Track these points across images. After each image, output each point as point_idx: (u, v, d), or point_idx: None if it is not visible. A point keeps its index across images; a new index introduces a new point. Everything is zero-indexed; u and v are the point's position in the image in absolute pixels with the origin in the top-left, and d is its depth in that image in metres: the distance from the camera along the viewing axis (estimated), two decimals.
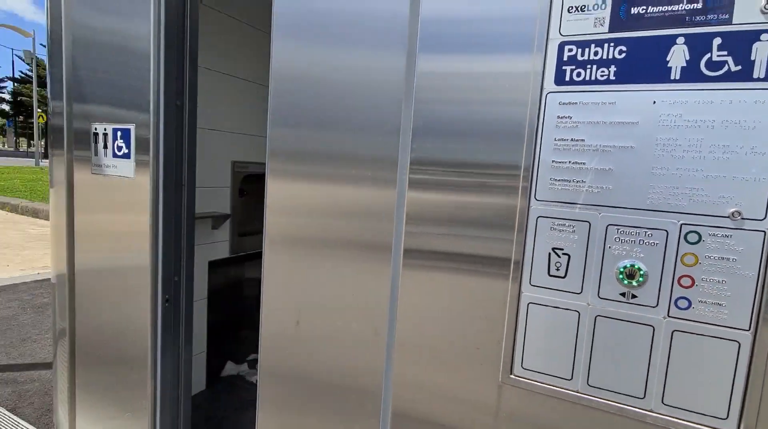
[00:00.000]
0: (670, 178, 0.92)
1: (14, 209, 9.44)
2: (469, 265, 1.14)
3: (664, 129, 0.91)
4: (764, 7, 0.83)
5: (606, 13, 0.95)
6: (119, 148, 1.76)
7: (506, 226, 1.08)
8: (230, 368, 2.99)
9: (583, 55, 0.97)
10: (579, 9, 0.97)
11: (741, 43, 0.85)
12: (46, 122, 2.42)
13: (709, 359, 0.92)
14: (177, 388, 1.89)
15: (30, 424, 2.27)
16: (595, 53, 0.96)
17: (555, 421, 1.07)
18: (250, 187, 3.12)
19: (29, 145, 48.72)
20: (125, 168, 1.75)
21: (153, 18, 1.62)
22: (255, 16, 2.92)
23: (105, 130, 1.79)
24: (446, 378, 1.19)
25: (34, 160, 21.51)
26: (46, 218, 8.87)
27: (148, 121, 1.68)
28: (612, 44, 0.95)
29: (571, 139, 1.00)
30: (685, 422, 0.94)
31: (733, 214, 0.87)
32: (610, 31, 0.95)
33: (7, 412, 2.34)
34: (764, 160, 0.85)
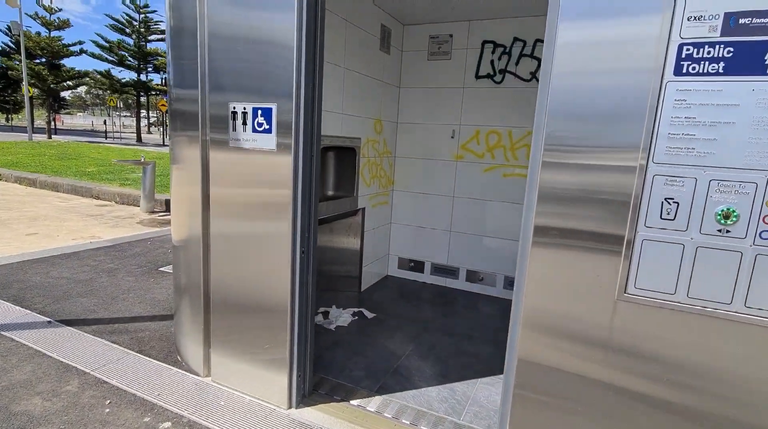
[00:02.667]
0: (762, 145, 1.28)
1: (32, 184, 9.57)
2: (592, 230, 1.50)
3: (759, 110, 1.27)
4: None
5: (719, 22, 1.28)
6: (259, 125, 2.07)
7: (626, 187, 1.44)
8: None
9: (698, 53, 1.31)
10: (697, 18, 1.30)
11: None
12: (167, 108, 2.68)
13: None
14: (307, 322, 2.27)
15: (161, 361, 2.65)
16: (708, 52, 1.30)
17: (660, 326, 1.47)
18: (322, 159, 3.42)
19: (8, 119, 47.12)
20: (266, 141, 2.06)
21: (296, 11, 1.89)
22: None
23: (244, 108, 2.09)
24: (571, 304, 1.58)
25: (27, 134, 21.11)
26: (67, 192, 9.05)
27: (290, 101, 1.97)
28: (722, 46, 1.29)
29: (685, 117, 1.35)
30: (762, 318, 1.34)
31: None
32: (722, 35, 1.28)
33: (137, 354, 2.72)
34: None
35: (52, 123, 35.17)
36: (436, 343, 3.13)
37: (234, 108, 2.11)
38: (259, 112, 2.06)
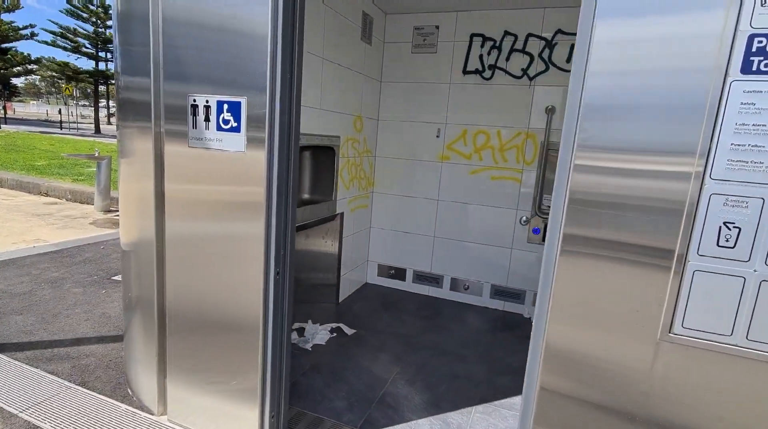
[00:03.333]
0: None
1: None
2: (634, 242, 1.25)
3: None
4: None
5: None
6: (225, 122, 1.72)
7: (675, 204, 1.20)
8: None
9: None
10: None
11: None
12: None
13: None
14: (281, 351, 1.95)
15: (107, 396, 2.27)
16: None
17: (711, 371, 1.23)
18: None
19: None
20: (234, 142, 1.72)
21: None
22: None
23: (207, 102, 1.73)
24: (602, 340, 1.33)
25: None
26: (12, 188, 8.28)
27: (263, 95, 1.64)
28: None
29: (753, 124, 1.11)
30: None
31: None
32: None
33: (79, 387, 2.32)
34: None
35: (2, 111, 32.88)
36: (424, 363, 2.86)
37: (194, 101, 1.76)
38: (225, 106, 1.71)
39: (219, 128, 1.74)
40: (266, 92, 1.64)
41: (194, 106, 1.76)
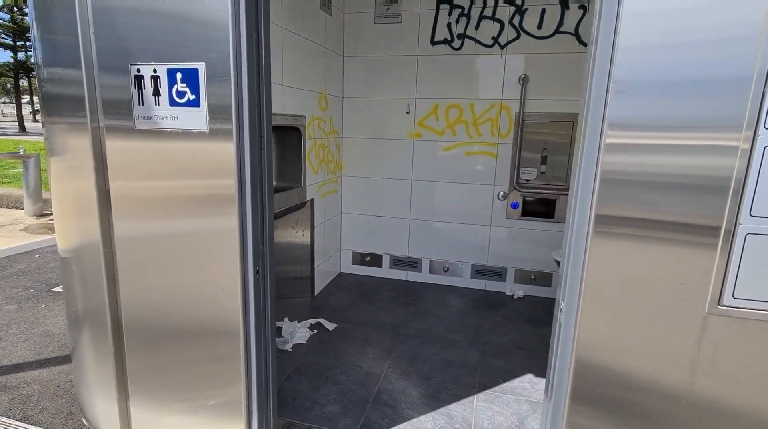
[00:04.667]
0: None
1: None
2: (675, 220, 1.10)
3: None
4: None
5: None
6: (180, 94, 1.42)
7: (724, 163, 1.06)
8: None
9: None
10: None
11: None
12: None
13: None
14: (266, 357, 1.70)
15: None
16: None
17: (766, 344, 1.12)
18: None
19: None
20: (193, 119, 1.42)
21: None
22: None
23: (155, 71, 1.42)
24: (643, 319, 1.18)
25: None
26: None
27: (225, 60, 1.35)
28: None
29: None
30: None
31: None
32: None
33: (22, 424, 1.96)
34: None
35: None
36: (415, 353, 2.69)
37: (138, 71, 1.44)
38: (179, 75, 1.41)
39: (173, 103, 1.43)
40: (230, 56, 1.35)
41: (139, 78, 1.44)
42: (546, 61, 3.26)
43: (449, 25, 3.39)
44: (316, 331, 2.93)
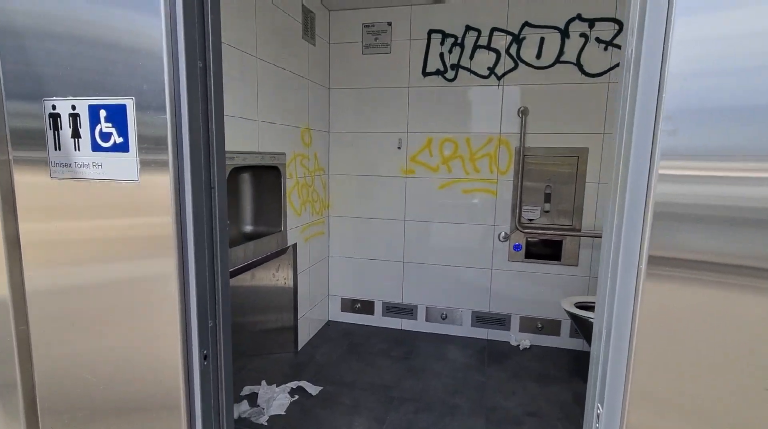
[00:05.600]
0: None
1: None
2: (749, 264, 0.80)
3: None
4: None
5: None
6: (105, 137, 1.13)
7: None
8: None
9: None
10: None
11: None
12: None
13: None
14: None
15: None
16: None
17: None
18: (231, 185, 2.49)
19: None
20: (120, 167, 1.12)
21: None
22: None
23: (74, 108, 1.13)
24: (714, 379, 0.86)
25: None
26: None
27: (160, 93, 1.07)
28: None
29: None
30: None
31: None
32: None
33: None
34: None
35: None
36: (410, 425, 2.32)
37: (54, 107, 1.15)
38: (103, 113, 1.12)
39: (96, 147, 1.14)
40: (165, 88, 1.07)
41: (55, 116, 1.15)
42: (547, 92, 3.03)
43: (441, 55, 3.19)
44: (297, 397, 2.56)
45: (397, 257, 3.50)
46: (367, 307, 3.63)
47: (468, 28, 3.12)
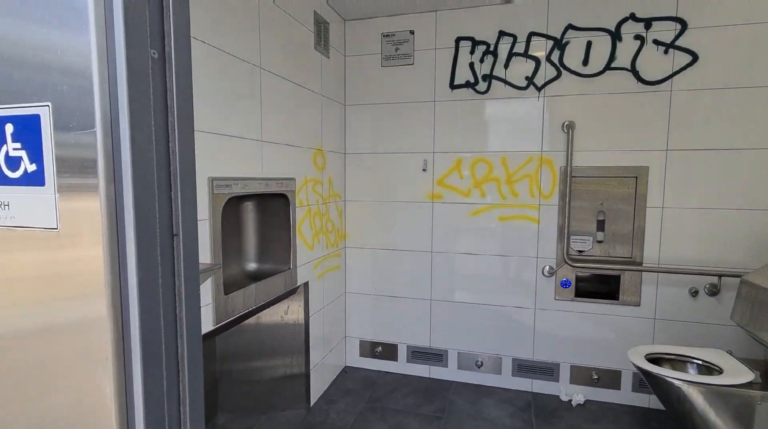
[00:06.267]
0: None
1: None
2: None
3: None
4: None
5: None
6: (12, 163, 0.75)
7: None
8: None
9: None
10: None
11: None
12: None
13: None
14: None
15: None
16: None
17: None
18: (231, 217, 2.11)
19: None
20: (34, 207, 0.74)
21: None
22: None
23: None
24: None
25: None
26: None
27: (85, 92, 0.69)
28: None
29: None
30: None
31: None
32: None
33: None
34: None
35: None
36: None
37: None
38: (9, 129, 0.74)
39: (2, 180, 0.76)
40: (94, 87, 0.69)
41: None
42: (596, 103, 2.62)
43: (472, 65, 2.81)
44: None
45: (424, 294, 3.05)
46: (389, 351, 3.17)
47: (502, 33, 2.75)
